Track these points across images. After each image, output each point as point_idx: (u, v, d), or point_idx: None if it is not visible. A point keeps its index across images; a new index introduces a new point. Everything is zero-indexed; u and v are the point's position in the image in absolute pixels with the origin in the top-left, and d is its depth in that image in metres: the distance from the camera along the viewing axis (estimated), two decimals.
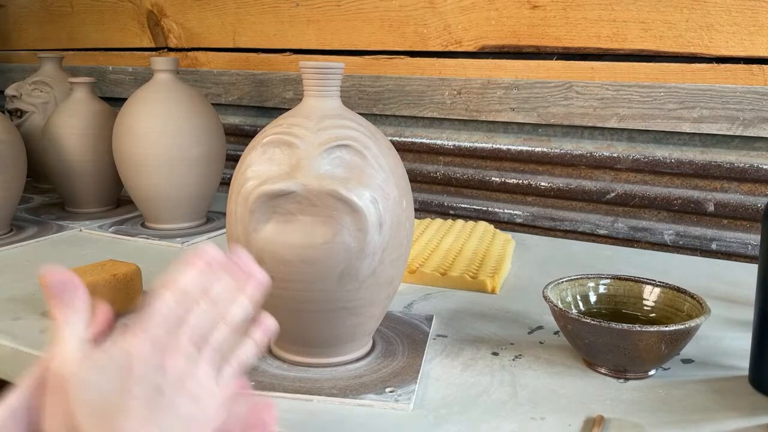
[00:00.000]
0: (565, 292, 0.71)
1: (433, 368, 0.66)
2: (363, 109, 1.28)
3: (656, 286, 0.71)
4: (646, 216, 1.10)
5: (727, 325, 0.76)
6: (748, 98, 0.98)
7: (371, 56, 1.28)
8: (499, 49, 1.16)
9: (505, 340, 0.72)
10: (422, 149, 1.27)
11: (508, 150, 1.19)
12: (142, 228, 1.15)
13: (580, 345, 0.65)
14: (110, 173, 1.21)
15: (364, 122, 0.64)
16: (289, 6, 1.35)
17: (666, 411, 0.58)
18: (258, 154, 0.61)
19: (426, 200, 1.28)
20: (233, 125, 1.47)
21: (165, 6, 1.52)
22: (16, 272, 0.92)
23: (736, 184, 1.03)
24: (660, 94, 1.04)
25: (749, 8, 0.97)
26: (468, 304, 0.83)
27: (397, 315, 0.78)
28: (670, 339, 0.60)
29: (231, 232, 0.63)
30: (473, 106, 1.19)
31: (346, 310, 0.62)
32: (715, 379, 0.65)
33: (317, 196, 0.58)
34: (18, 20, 1.83)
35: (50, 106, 1.37)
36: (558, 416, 0.57)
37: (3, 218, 1.08)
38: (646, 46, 1.04)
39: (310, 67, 0.64)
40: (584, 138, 1.13)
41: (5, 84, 1.60)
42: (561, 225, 1.17)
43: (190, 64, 1.51)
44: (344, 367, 0.65)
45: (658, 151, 1.07)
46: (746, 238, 1.03)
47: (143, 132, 1.08)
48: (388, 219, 0.60)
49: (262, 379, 0.62)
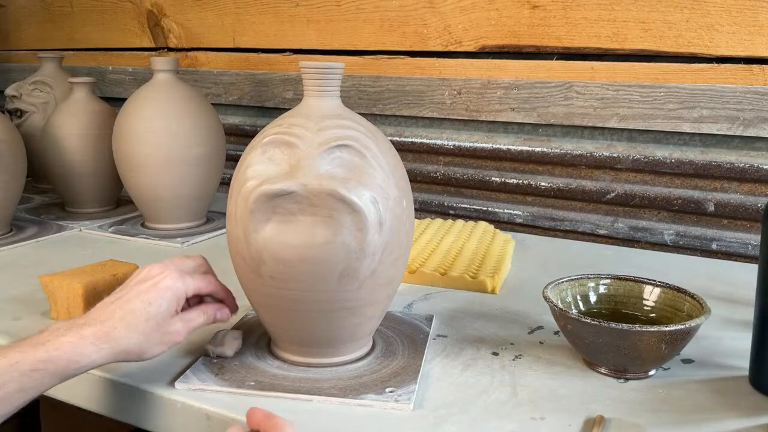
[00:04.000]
0: (565, 292, 0.71)
1: (433, 368, 0.66)
2: (363, 109, 1.28)
3: (656, 286, 0.71)
4: (646, 216, 1.10)
5: (727, 325, 0.76)
6: (748, 98, 0.98)
7: (371, 56, 1.28)
8: (499, 49, 1.16)
9: (505, 340, 0.72)
10: (422, 149, 1.27)
11: (508, 150, 1.19)
12: (142, 228, 1.15)
13: (580, 345, 0.65)
14: (110, 173, 1.21)
15: (364, 122, 0.64)
16: (289, 6, 1.35)
17: (666, 411, 0.58)
18: (258, 154, 0.61)
19: (426, 200, 1.28)
20: (233, 125, 1.47)
21: (165, 6, 1.52)
22: (16, 272, 0.92)
23: (736, 184, 1.03)
24: (660, 94, 1.04)
25: (749, 8, 0.97)
26: (468, 304, 0.83)
27: (397, 315, 0.78)
28: (670, 339, 0.60)
29: (231, 232, 0.63)
30: (473, 106, 1.19)
31: (346, 310, 0.62)
32: (715, 379, 0.65)
33: (317, 196, 0.58)
34: (18, 20, 1.83)
35: (50, 106, 1.37)
36: (558, 416, 0.57)
37: (3, 218, 1.08)
38: (646, 46, 1.04)
39: (310, 67, 0.64)
40: (584, 138, 1.13)
41: (5, 84, 1.60)
42: (561, 225, 1.17)
43: (190, 64, 1.51)
44: (344, 367, 0.65)
45: (658, 151, 1.07)
46: (746, 238, 1.03)
47: (143, 132, 1.08)
48: (388, 219, 0.60)
49: (262, 379, 0.62)
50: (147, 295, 0.58)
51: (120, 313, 0.57)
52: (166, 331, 0.59)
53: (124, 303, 0.58)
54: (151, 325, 0.58)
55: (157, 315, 0.58)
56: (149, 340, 0.58)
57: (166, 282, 0.59)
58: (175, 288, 0.60)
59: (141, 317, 0.57)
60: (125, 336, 0.57)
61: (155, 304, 0.58)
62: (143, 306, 0.58)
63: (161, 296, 0.59)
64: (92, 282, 0.74)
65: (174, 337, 0.60)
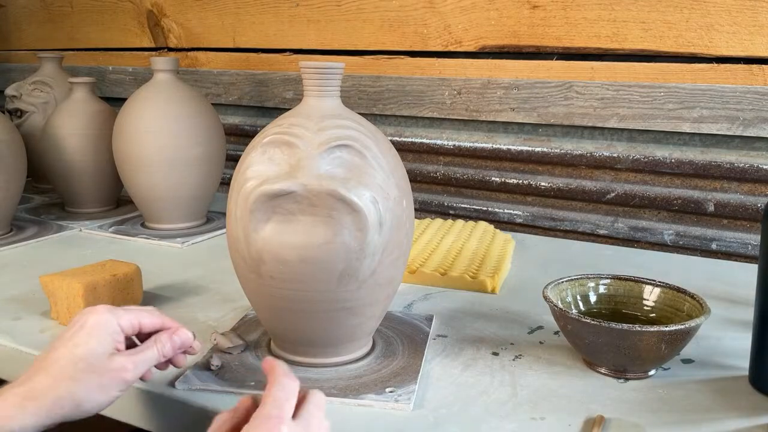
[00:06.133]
0: (565, 292, 0.71)
1: (433, 368, 0.66)
2: (363, 109, 1.28)
3: (656, 286, 0.71)
4: (646, 216, 1.10)
5: (727, 325, 0.76)
6: (748, 98, 0.98)
7: (371, 56, 1.28)
8: (499, 49, 1.16)
9: (505, 340, 0.72)
10: (422, 149, 1.27)
11: (508, 150, 1.19)
12: (142, 228, 1.15)
13: (580, 345, 0.65)
14: (110, 173, 1.21)
15: (364, 122, 0.64)
16: (289, 6, 1.35)
17: (666, 411, 0.58)
18: (258, 154, 0.61)
19: (426, 200, 1.28)
20: (233, 125, 1.47)
21: (165, 6, 1.52)
22: (16, 272, 0.92)
23: (736, 184, 1.03)
24: (660, 94, 1.04)
25: (749, 8, 0.97)
26: (468, 304, 0.83)
27: (397, 315, 0.78)
28: (670, 339, 0.60)
29: (231, 232, 0.63)
30: (473, 106, 1.19)
31: (346, 310, 0.62)
32: (715, 379, 0.65)
33: (317, 196, 0.58)
34: (18, 20, 1.83)
35: (50, 106, 1.37)
36: (558, 416, 0.57)
37: (3, 218, 1.08)
38: (646, 46, 1.04)
39: (310, 67, 0.64)
40: (584, 138, 1.13)
41: (5, 84, 1.61)
42: (561, 225, 1.17)
43: (190, 64, 1.51)
44: (344, 367, 0.65)
45: (658, 151, 1.07)
46: (746, 238, 1.03)
47: (143, 132, 1.08)
48: (388, 219, 0.60)
49: (262, 379, 0.62)
50: (73, 339, 0.52)
51: (44, 365, 0.51)
52: (106, 370, 0.51)
53: (50, 354, 0.52)
54: (81, 367, 0.51)
55: (88, 356, 0.51)
56: (84, 386, 0.50)
57: (92, 319, 0.53)
58: (104, 322, 0.53)
59: (67, 362, 0.51)
60: (50, 386, 0.49)
61: (82, 344, 0.51)
62: (69, 350, 0.51)
63: (89, 334, 0.52)
64: (92, 282, 0.74)
65: (120, 374, 0.52)
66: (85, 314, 0.54)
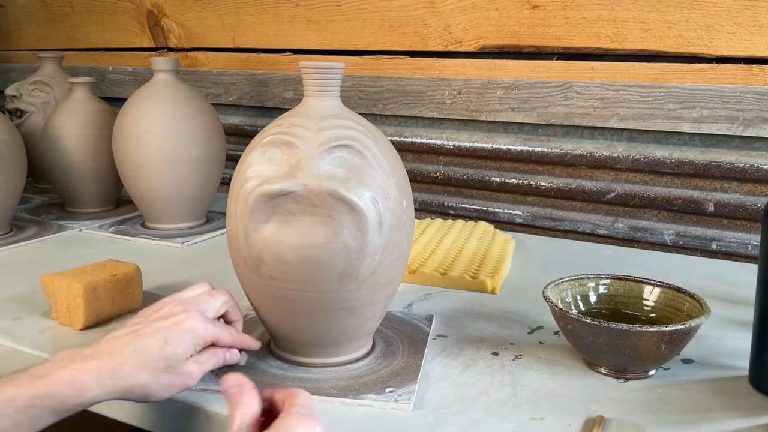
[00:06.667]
0: (565, 292, 0.71)
1: (433, 368, 0.66)
2: (363, 109, 1.28)
3: (656, 286, 0.71)
4: (646, 216, 1.10)
5: (727, 325, 0.76)
6: (748, 98, 0.98)
7: (371, 56, 1.28)
8: (499, 49, 1.16)
9: (505, 340, 0.72)
10: (422, 149, 1.27)
11: (508, 150, 1.19)
12: (142, 228, 1.15)
13: (580, 345, 0.65)
14: (110, 173, 1.21)
15: (364, 122, 0.64)
16: (289, 6, 1.35)
17: (666, 411, 0.58)
18: (258, 154, 0.61)
19: (426, 200, 1.28)
20: (233, 125, 1.47)
21: (165, 6, 1.52)
22: (16, 272, 0.92)
23: (736, 184, 1.03)
24: (660, 94, 1.04)
25: (749, 8, 0.97)
26: (468, 304, 0.83)
27: (397, 315, 0.78)
28: (670, 339, 0.60)
29: (231, 232, 0.63)
30: (473, 106, 1.19)
31: (346, 310, 0.62)
32: (715, 379, 0.65)
33: (317, 196, 0.58)
34: (18, 20, 1.83)
35: (50, 106, 1.37)
36: (558, 416, 0.57)
37: (3, 218, 1.08)
38: (646, 46, 1.04)
39: (310, 67, 0.64)
40: (584, 138, 1.13)
41: (5, 84, 1.61)
42: (561, 225, 1.17)
43: (190, 64, 1.51)
44: (344, 367, 0.65)
45: (658, 151, 1.07)
46: (746, 238, 1.03)
47: (143, 132, 1.08)
48: (388, 219, 0.60)
49: (262, 378, 0.62)
50: (165, 333, 0.55)
51: (131, 348, 0.54)
52: (179, 373, 0.55)
53: (138, 338, 0.54)
54: (162, 365, 0.54)
55: (172, 356, 0.54)
56: (158, 381, 0.54)
57: (189, 324, 0.56)
58: (197, 333, 0.56)
59: (153, 356, 0.54)
60: (132, 373, 0.53)
61: (172, 344, 0.55)
62: (158, 344, 0.54)
63: (180, 338, 0.55)
64: (92, 282, 0.74)
65: (186, 380, 0.56)
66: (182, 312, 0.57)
